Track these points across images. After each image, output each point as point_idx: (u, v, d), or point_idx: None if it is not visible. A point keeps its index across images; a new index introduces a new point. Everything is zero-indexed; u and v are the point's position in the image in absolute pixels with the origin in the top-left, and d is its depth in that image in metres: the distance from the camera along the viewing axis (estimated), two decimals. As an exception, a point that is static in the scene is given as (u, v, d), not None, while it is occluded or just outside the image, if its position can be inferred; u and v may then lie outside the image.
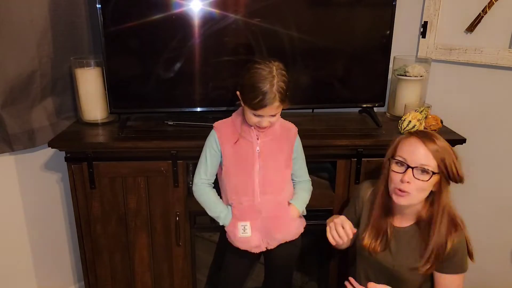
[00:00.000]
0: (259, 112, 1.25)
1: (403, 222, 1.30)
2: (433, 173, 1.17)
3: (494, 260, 1.77)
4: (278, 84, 1.22)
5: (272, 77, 1.23)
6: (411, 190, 1.19)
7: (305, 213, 1.47)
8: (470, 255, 1.27)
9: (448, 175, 1.19)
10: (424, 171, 1.17)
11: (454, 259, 1.23)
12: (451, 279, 1.25)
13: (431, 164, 1.17)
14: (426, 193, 1.22)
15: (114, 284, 1.67)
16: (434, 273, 1.28)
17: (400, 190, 1.20)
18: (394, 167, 1.22)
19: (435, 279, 1.28)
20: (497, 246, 1.75)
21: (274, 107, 1.25)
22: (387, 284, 1.25)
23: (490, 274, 1.80)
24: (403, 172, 1.19)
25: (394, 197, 1.23)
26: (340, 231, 1.24)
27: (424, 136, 1.20)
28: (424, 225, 1.25)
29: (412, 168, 1.18)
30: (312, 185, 1.50)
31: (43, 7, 1.51)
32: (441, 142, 1.20)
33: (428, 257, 1.22)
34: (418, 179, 1.18)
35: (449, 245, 1.20)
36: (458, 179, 1.21)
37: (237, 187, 1.37)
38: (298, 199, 1.43)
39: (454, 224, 1.23)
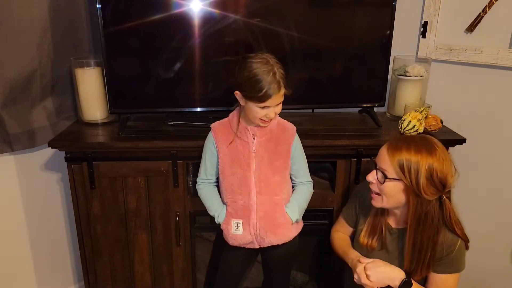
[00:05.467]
0: (267, 103, 1.25)
1: (399, 223, 1.29)
2: (389, 178, 1.16)
3: (494, 260, 1.77)
4: (278, 71, 1.25)
5: (271, 66, 1.24)
6: (377, 191, 1.21)
7: (299, 220, 1.45)
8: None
9: (414, 187, 1.14)
10: (383, 174, 1.18)
11: (445, 260, 1.22)
12: (441, 279, 1.24)
13: (389, 170, 1.16)
14: (396, 199, 1.19)
15: (114, 284, 1.67)
16: None
17: (372, 191, 1.23)
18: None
19: (428, 276, 1.28)
20: (497, 246, 1.75)
21: (280, 95, 1.26)
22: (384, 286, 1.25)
23: (490, 274, 1.80)
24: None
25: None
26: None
27: (396, 142, 1.18)
28: None
29: (376, 169, 1.20)
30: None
31: (43, 7, 1.51)
32: (415, 155, 1.12)
33: (409, 260, 1.21)
34: (377, 180, 1.19)
35: (437, 248, 1.19)
36: (421, 194, 1.15)
37: (232, 186, 1.37)
38: (292, 207, 1.40)
39: (438, 230, 1.18)
